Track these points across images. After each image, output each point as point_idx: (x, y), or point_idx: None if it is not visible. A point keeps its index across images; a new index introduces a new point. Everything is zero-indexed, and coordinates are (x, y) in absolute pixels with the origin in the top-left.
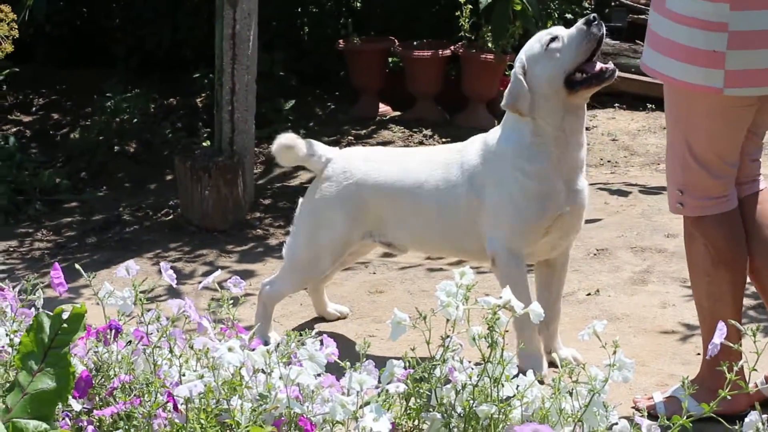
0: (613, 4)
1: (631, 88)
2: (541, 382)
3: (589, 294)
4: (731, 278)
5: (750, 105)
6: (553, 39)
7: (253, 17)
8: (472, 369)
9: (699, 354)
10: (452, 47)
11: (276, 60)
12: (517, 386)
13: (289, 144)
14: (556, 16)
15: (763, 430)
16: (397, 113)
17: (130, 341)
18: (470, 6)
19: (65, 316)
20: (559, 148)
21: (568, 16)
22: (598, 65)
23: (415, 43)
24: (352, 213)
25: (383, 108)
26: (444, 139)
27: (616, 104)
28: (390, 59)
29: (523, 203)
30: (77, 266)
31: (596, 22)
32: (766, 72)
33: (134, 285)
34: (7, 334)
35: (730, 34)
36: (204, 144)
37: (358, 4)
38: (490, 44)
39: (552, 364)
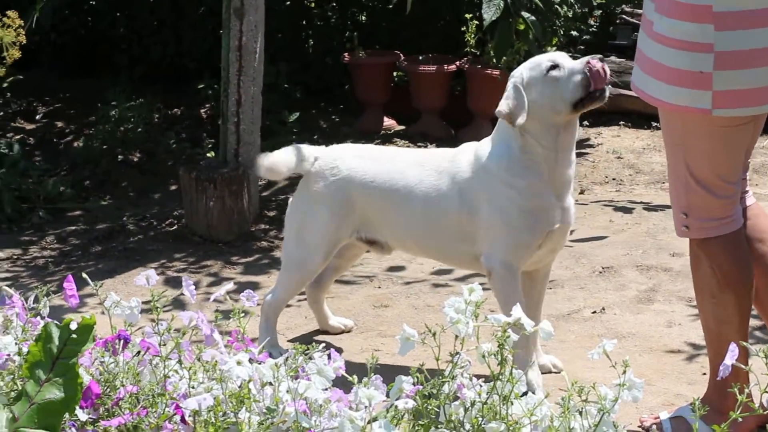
0: (618, 21)
1: (636, 106)
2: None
3: (594, 312)
4: (737, 300)
5: (744, 124)
6: (554, 66)
7: (260, 29)
8: (481, 386)
9: (705, 374)
10: (458, 62)
11: (281, 72)
12: (527, 404)
13: (270, 167)
14: (562, 33)
15: None
16: (402, 127)
17: (139, 352)
18: (476, 22)
19: (73, 326)
20: (549, 165)
21: (574, 33)
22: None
23: (420, 57)
24: (340, 209)
25: (388, 122)
26: None
27: (621, 122)
28: (395, 73)
29: (516, 219)
30: (84, 275)
31: (602, 64)
32: (754, 92)
33: (152, 295)
34: (16, 343)
35: (716, 54)
36: (208, 155)
37: (364, 18)
38: (495, 60)
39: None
